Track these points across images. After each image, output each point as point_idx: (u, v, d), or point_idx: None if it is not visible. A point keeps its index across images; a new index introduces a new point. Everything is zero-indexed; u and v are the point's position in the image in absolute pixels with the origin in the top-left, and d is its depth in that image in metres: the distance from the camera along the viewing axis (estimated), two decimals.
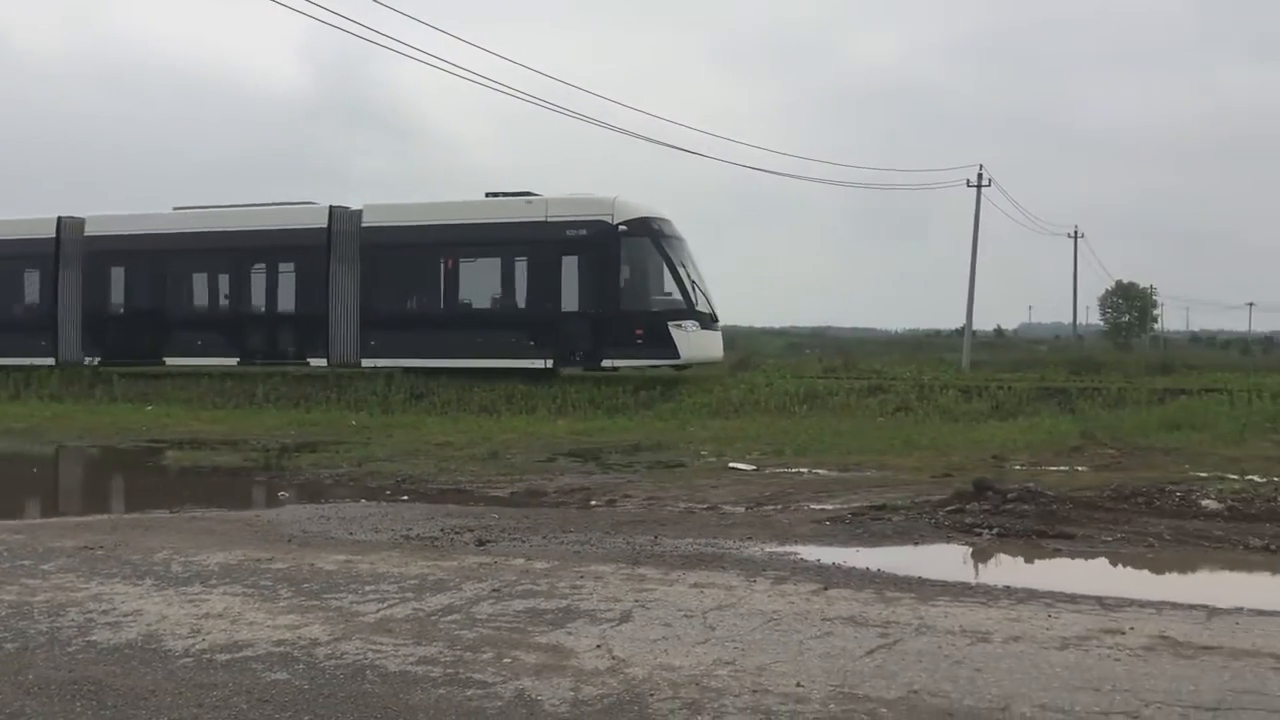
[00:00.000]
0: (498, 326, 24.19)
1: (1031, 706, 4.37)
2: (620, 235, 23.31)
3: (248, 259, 26.17)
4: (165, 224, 26.72)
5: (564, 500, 10.58)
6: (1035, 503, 9.08)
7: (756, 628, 5.58)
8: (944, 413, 18.52)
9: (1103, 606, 6.00)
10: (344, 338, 24.95)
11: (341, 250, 25.06)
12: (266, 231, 25.64)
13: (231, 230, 25.90)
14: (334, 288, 25.01)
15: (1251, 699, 4.46)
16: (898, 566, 7.33)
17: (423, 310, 25.34)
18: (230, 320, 26.35)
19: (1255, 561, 7.55)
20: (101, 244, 26.85)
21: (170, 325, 26.56)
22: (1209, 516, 8.74)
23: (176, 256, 26.58)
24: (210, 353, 25.90)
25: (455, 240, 24.62)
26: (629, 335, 23.12)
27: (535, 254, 23.90)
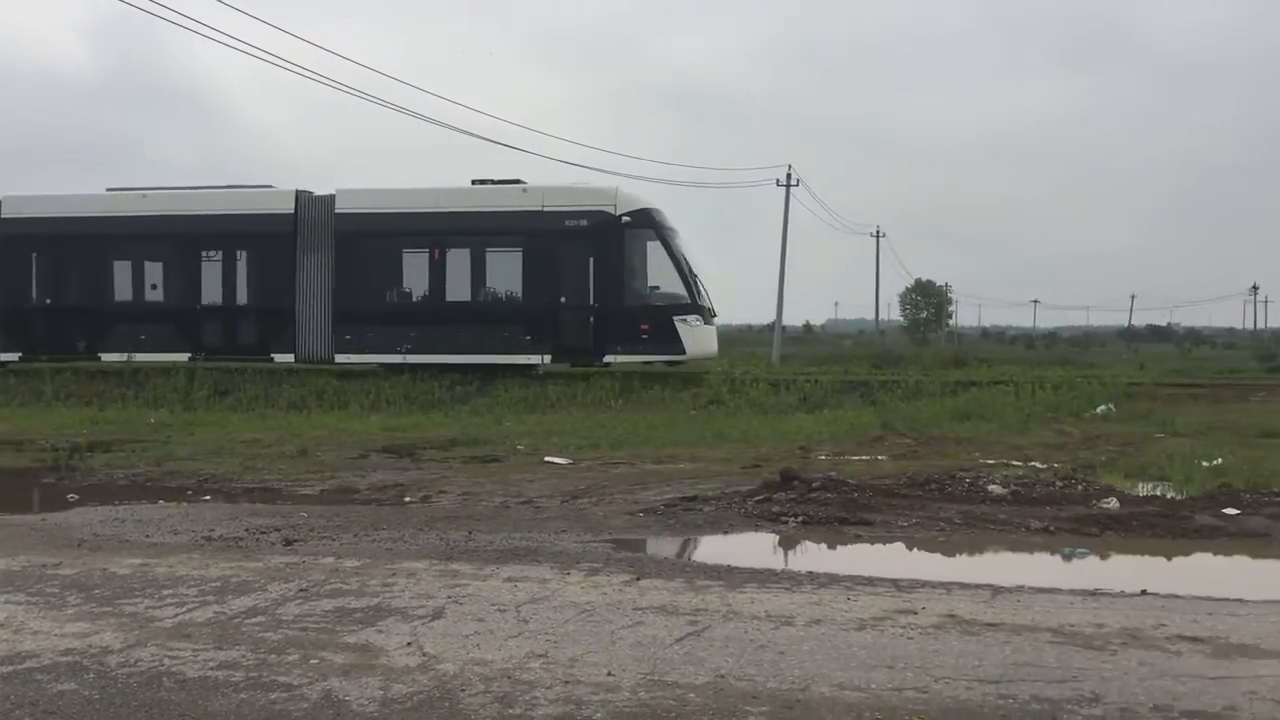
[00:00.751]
0: (491, 321, 23.04)
1: (830, 686, 4.57)
2: (624, 227, 22.47)
3: (201, 246, 24.04)
4: (100, 206, 24.37)
5: (376, 497, 10.38)
6: (838, 491, 9.47)
7: (569, 620, 5.63)
8: (754, 405, 19.04)
9: (898, 588, 6.31)
10: (314, 332, 23.34)
11: (310, 238, 23.42)
12: (223, 216, 23.65)
13: (182, 215, 23.82)
14: (302, 278, 23.34)
15: (1029, 671, 4.78)
16: (708, 556, 7.53)
17: (406, 303, 23.78)
18: (181, 313, 24.04)
19: (1036, 543, 8.07)
20: (20, 227, 24.16)
21: (107, 318, 24.21)
22: (995, 501, 9.31)
23: (115, 242, 24.25)
24: (156, 348, 23.72)
25: (442, 229, 23.23)
26: (633, 330, 22.47)
27: (531, 245, 22.75)
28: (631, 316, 22.52)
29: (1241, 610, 5.86)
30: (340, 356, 23.22)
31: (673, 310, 22.40)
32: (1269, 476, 10.45)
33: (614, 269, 22.66)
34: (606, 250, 22.57)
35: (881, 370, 25.78)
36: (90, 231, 23.99)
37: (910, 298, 77.88)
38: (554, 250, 22.56)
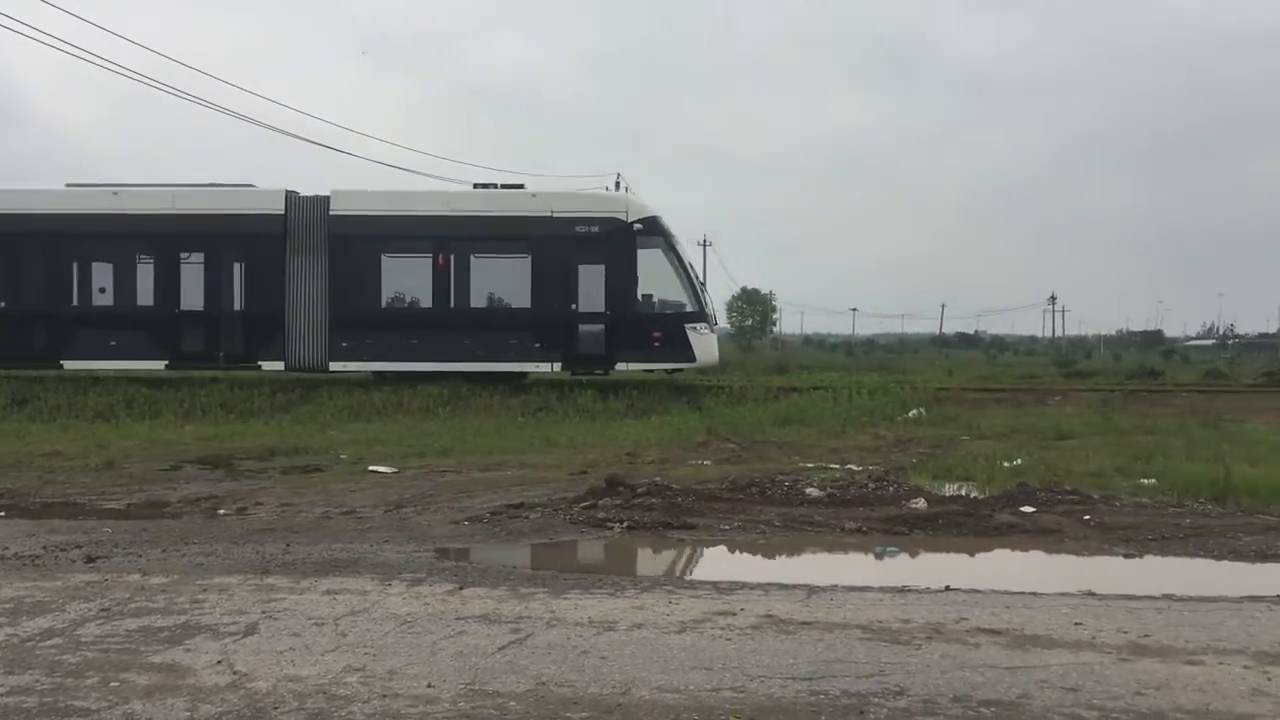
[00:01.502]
0: (498, 328, 22.50)
1: (650, 689, 4.63)
2: (635, 234, 22.32)
3: (181, 247, 22.46)
4: (62, 203, 22.46)
5: (188, 510, 9.94)
6: (662, 496, 9.60)
7: (389, 632, 5.53)
8: (583, 412, 19.13)
9: (718, 591, 6.45)
10: (306, 339, 22.21)
11: (302, 240, 22.28)
12: (205, 216, 22.22)
13: (159, 214, 22.23)
14: (292, 283, 22.19)
15: (840, 667, 4.96)
16: (533, 563, 7.52)
17: (407, 310, 22.88)
18: (156, 318, 22.34)
19: (850, 543, 8.38)
20: None
21: (71, 323, 22.38)
22: (812, 503, 9.61)
23: (81, 242, 22.46)
24: (128, 354, 22.21)
25: (446, 234, 22.43)
26: (645, 338, 22.23)
27: (540, 251, 22.23)
28: (643, 324, 22.40)
29: (1036, 603, 6.22)
30: (335, 364, 22.38)
31: (683, 318, 22.41)
32: (1063, 475, 11.14)
33: (625, 277, 22.39)
34: (618, 258, 22.33)
35: (707, 376, 26.22)
36: (51, 229, 22.25)
37: (736, 305, 79.62)
38: (564, 257, 22.27)
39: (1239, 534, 8.47)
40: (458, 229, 22.44)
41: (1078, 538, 8.45)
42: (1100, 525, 8.77)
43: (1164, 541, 8.28)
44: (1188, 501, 9.81)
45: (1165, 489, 10.42)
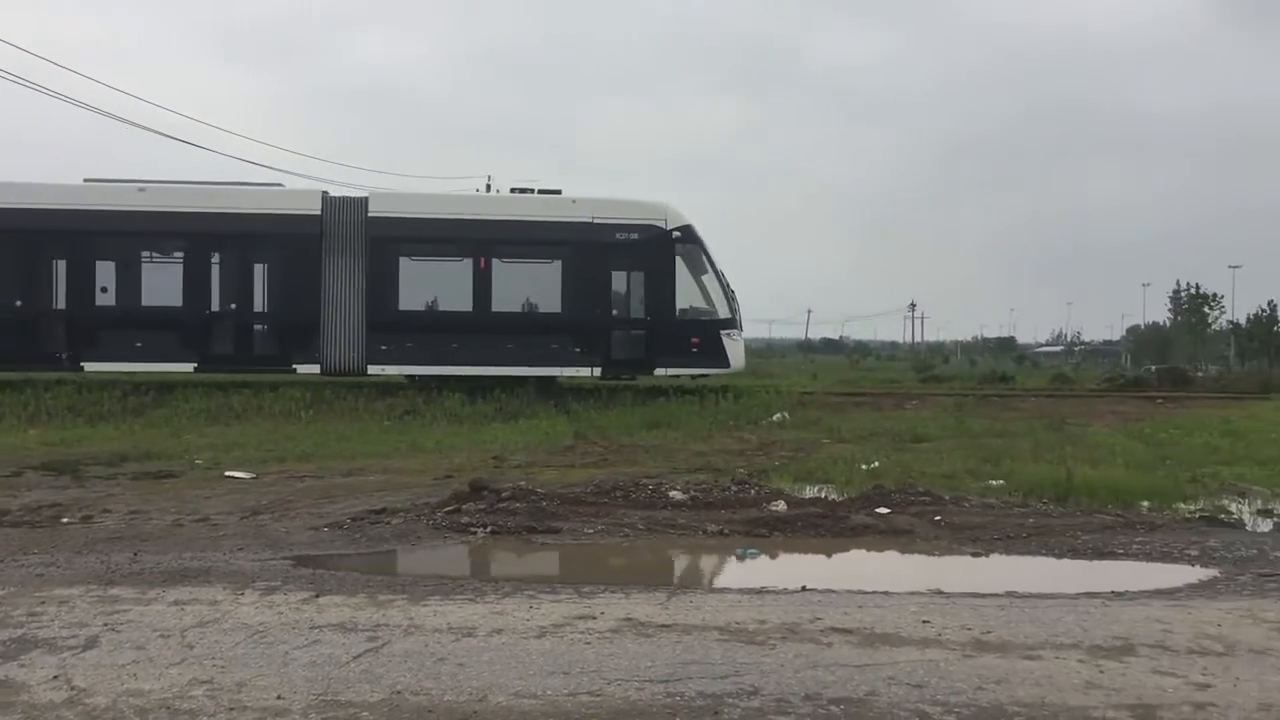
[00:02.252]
0: (538, 332, 22.70)
1: (507, 695, 4.62)
2: (674, 241, 22.73)
3: (213, 247, 21.95)
4: (85, 199, 21.61)
5: (29, 519, 9.47)
6: (527, 500, 9.57)
7: (239, 642, 5.38)
8: (450, 415, 18.91)
9: (580, 594, 6.46)
10: (343, 341, 22.01)
11: (339, 242, 22.05)
12: (238, 215, 21.76)
13: (190, 212, 21.66)
14: (329, 285, 21.96)
15: (697, 668, 5.03)
16: (393, 569, 7.41)
17: (446, 314, 22.63)
18: (186, 319, 21.79)
19: (711, 545, 8.49)
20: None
21: (92, 323, 21.56)
22: (676, 506, 9.71)
23: (106, 239, 21.63)
24: (154, 356, 21.54)
25: (487, 237, 22.41)
26: (684, 344, 22.65)
27: (581, 257, 22.45)
28: (682, 330, 22.78)
29: (887, 602, 6.41)
30: (374, 368, 22.23)
31: (719, 325, 22.88)
32: (917, 477, 11.50)
33: (665, 283, 22.80)
34: (657, 264, 22.74)
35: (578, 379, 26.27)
36: (72, 227, 21.46)
37: None
38: (605, 263, 22.63)
39: (1078, 533, 8.88)
40: (497, 233, 22.56)
41: (929, 538, 8.74)
42: (950, 525, 9.09)
43: (1009, 541, 8.63)
44: (1032, 502, 10.24)
45: (1012, 490, 10.87)
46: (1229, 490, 11.31)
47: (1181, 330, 77.92)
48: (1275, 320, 55.60)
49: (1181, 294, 79.61)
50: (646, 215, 23.07)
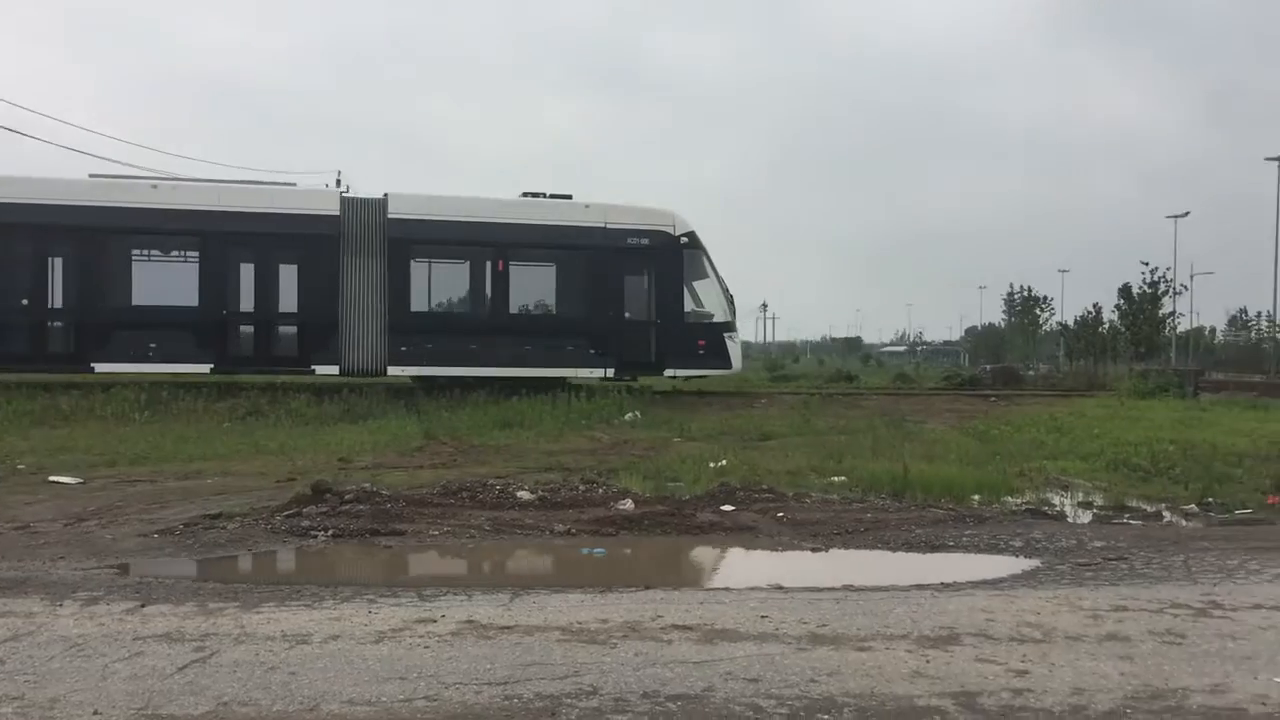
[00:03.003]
0: (554, 334, 23.37)
1: (340, 703, 4.51)
2: (682, 247, 23.58)
3: (229, 246, 21.61)
4: (94, 195, 21.02)
5: None
6: (371, 503, 9.38)
7: (56, 656, 5.11)
8: (296, 416, 18.39)
9: (421, 598, 6.37)
10: (363, 343, 22.11)
11: (358, 243, 22.10)
12: (255, 215, 21.54)
13: (205, 210, 21.33)
14: (348, 285, 22.03)
15: (536, 670, 5.01)
16: (226, 576, 7.16)
17: (464, 315, 23.30)
18: (201, 319, 21.50)
19: (558, 545, 8.48)
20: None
21: (103, 323, 21.13)
22: (523, 506, 9.66)
23: (116, 237, 21.19)
24: (169, 357, 21.19)
25: (504, 239, 22.81)
26: (692, 346, 23.61)
27: (594, 261, 23.19)
28: (689, 332, 23.69)
29: (727, 598, 6.51)
30: (394, 369, 22.36)
31: (722, 327, 23.98)
32: (763, 475, 11.74)
33: (673, 287, 23.66)
34: (666, 269, 23.62)
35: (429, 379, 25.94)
36: (81, 223, 20.83)
37: None
38: (618, 267, 23.33)
39: (913, 526, 9.20)
40: (515, 236, 22.96)
41: (772, 534, 8.92)
42: (792, 521, 9.30)
43: (847, 535, 8.88)
44: (871, 497, 10.57)
45: (853, 486, 11.20)
46: (1053, 484, 11.89)
47: (1015, 331, 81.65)
48: (1100, 321, 58.66)
49: (1015, 296, 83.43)
50: (655, 221, 23.81)
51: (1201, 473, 12.20)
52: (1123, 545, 8.47)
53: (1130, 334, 53.90)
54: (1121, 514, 10.20)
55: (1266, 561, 7.84)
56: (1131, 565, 7.71)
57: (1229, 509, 10.47)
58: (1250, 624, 5.99)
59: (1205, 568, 7.61)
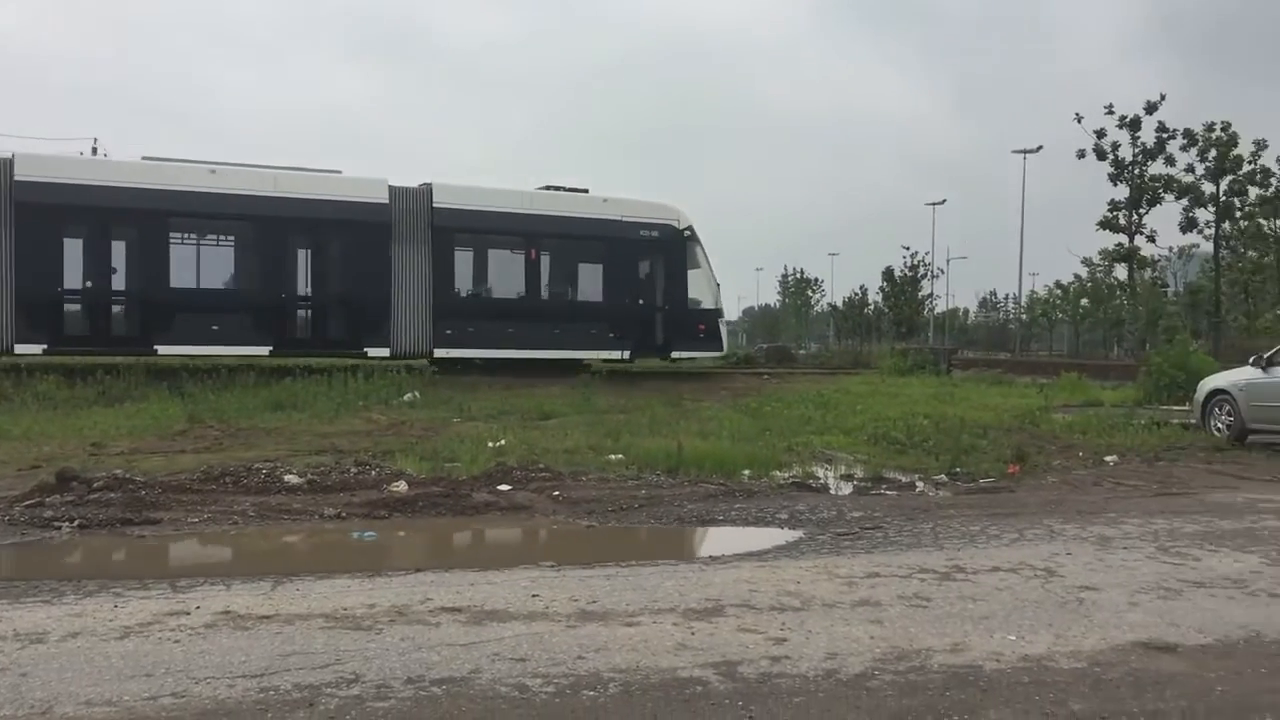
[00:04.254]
0: (581, 319, 25.05)
1: (76, 704, 4.22)
2: (686, 240, 25.89)
3: (286, 231, 22.42)
4: (152, 177, 21.08)
5: None
6: (123, 490, 8.85)
7: None
8: (43, 400, 17.13)
9: (174, 589, 6.04)
10: (412, 326, 23.30)
11: (407, 231, 23.21)
12: (311, 201, 22.26)
13: (263, 196, 21.86)
14: (398, 271, 23.10)
15: (296, 659, 4.83)
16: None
17: (504, 300, 24.63)
18: (261, 303, 22.35)
19: (327, 530, 8.22)
20: (43, 194, 20.04)
21: (167, 305, 21.45)
22: (291, 491, 9.33)
23: (176, 220, 21.53)
24: (230, 340, 21.85)
25: (536, 230, 24.44)
26: (694, 330, 26.10)
27: (613, 251, 25.19)
28: (691, 318, 26.13)
29: (499, 578, 6.48)
30: (440, 351, 23.53)
31: (716, 313, 26.64)
32: (541, 454, 11.75)
33: (679, 276, 25.98)
34: (673, 259, 25.92)
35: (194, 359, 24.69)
36: (142, 205, 20.97)
37: None
38: (632, 257, 25.56)
39: (685, 502, 9.42)
40: (546, 227, 24.63)
41: (547, 513, 8.94)
42: (568, 500, 9.35)
43: (622, 512, 9.00)
44: (646, 474, 10.75)
45: (629, 463, 11.35)
46: (818, 458, 12.43)
47: (788, 311, 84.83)
48: (866, 303, 61.76)
49: (789, 278, 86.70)
50: (663, 215, 26.09)
51: (951, 445, 13.01)
52: (879, 515, 8.94)
53: (893, 314, 56.95)
54: (879, 485, 10.74)
55: (1005, 526, 8.44)
56: (886, 534, 8.14)
57: (974, 478, 11.22)
58: (988, 585, 6.42)
59: (951, 534, 8.12)
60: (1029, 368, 36.65)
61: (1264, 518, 9.09)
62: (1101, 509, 9.47)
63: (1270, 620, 5.70)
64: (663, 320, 26.05)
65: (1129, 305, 51.38)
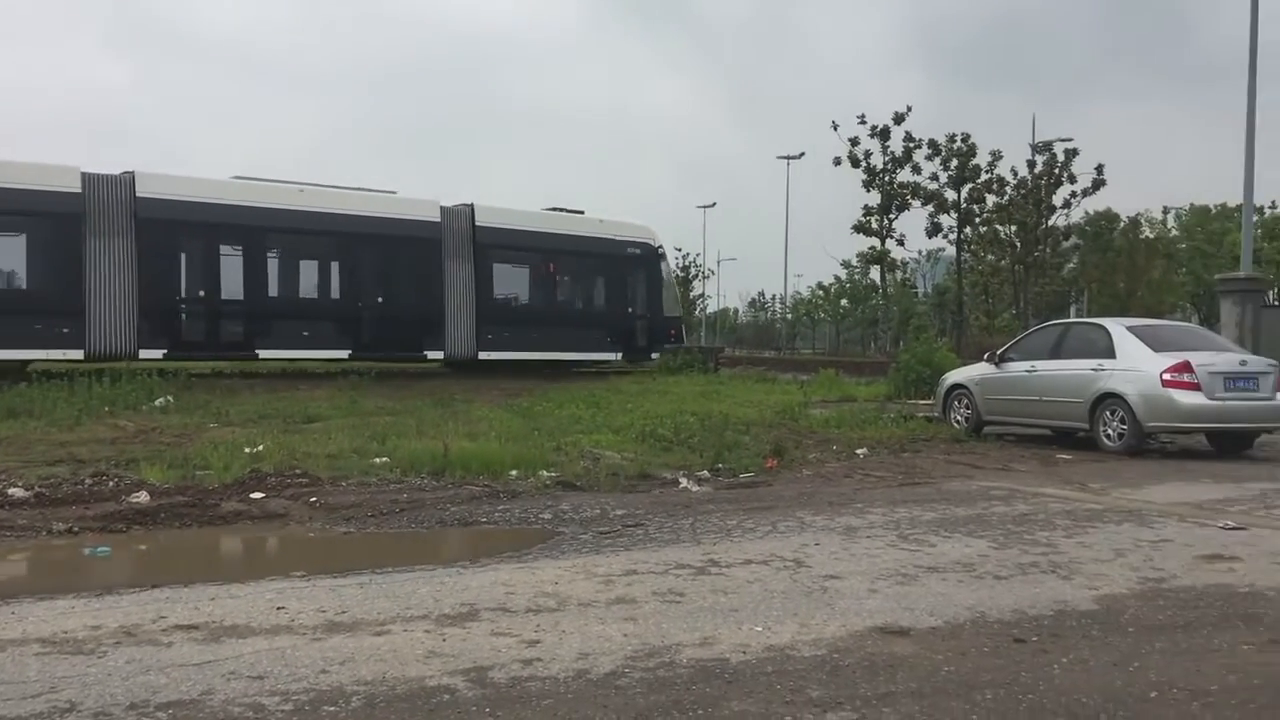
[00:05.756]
0: (585, 325, 29.01)
1: None
2: (659, 256, 30.74)
3: (359, 247, 25.08)
4: (253, 196, 23.43)
5: None
6: None
7: None
8: None
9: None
10: (461, 332, 26.08)
11: (455, 247, 26.05)
12: (380, 219, 24.84)
13: (341, 214, 24.36)
14: (449, 283, 25.88)
15: (4, 690, 4.43)
16: None
17: (531, 308, 28.18)
18: (343, 311, 25.14)
19: (55, 546, 7.63)
20: (163, 210, 22.00)
21: (268, 314, 23.98)
22: (16, 505, 8.60)
23: (273, 235, 24.00)
24: (318, 345, 24.60)
25: (551, 247, 28.05)
26: (666, 335, 30.46)
27: (608, 266, 29.44)
28: (665, 324, 30.75)
29: (243, 591, 6.16)
30: (483, 354, 26.48)
31: (679, 319, 32.30)
32: (302, 459, 11.33)
33: (656, 288, 30.65)
34: (652, 273, 30.57)
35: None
36: (245, 221, 23.21)
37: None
38: (622, 272, 29.94)
39: (448, 505, 9.27)
40: (562, 244, 28.57)
41: (302, 520, 8.60)
42: (326, 506, 9.03)
43: (382, 517, 8.76)
44: (410, 477, 10.52)
45: (393, 466, 11.07)
46: (586, 456, 12.48)
47: None
48: None
49: None
50: (643, 235, 30.56)
51: (715, 441, 13.35)
52: (641, 512, 9.05)
53: None
54: (644, 482, 10.89)
55: (760, 520, 8.71)
56: (646, 530, 8.25)
57: (735, 473, 11.54)
58: (740, 579, 6.60)
59: (709, 529, 8.30)
60: (792, 365, 38.27)
61: (993, 504, 9.75)
62: (850, 500, 9.92)
63: (994, 601, 6.08)
64: (645, 326, 30.32)
65: (883, 305, 54.30)
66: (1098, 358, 14.50)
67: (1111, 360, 14.29)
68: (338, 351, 24.85)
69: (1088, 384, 14.40)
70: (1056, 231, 46.56)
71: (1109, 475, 12.01)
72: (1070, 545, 7.76)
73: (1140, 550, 7.60)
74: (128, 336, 22.09)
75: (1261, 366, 14.25)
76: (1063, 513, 9.27)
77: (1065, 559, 7.26)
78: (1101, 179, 43.62)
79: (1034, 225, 44.46)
